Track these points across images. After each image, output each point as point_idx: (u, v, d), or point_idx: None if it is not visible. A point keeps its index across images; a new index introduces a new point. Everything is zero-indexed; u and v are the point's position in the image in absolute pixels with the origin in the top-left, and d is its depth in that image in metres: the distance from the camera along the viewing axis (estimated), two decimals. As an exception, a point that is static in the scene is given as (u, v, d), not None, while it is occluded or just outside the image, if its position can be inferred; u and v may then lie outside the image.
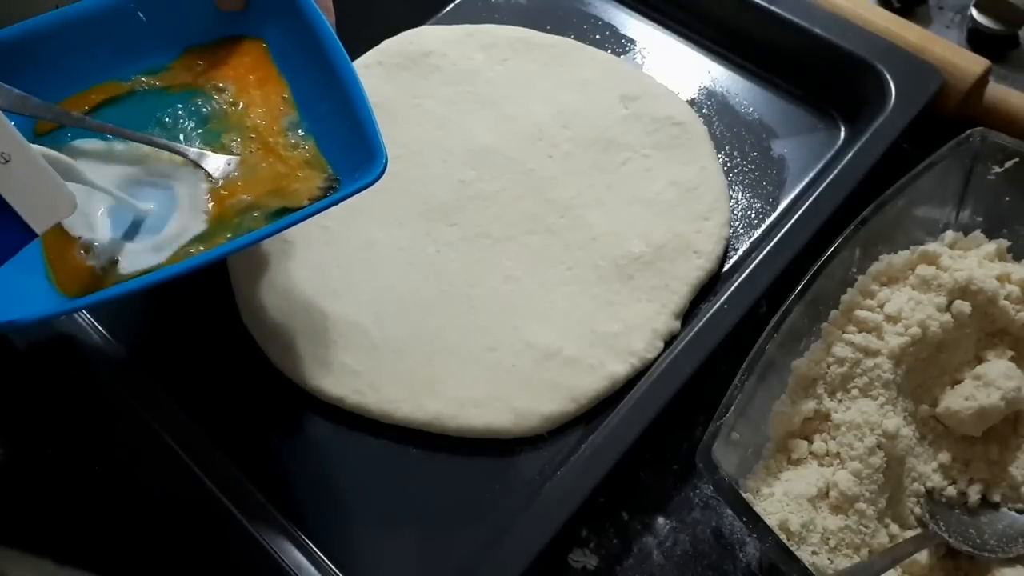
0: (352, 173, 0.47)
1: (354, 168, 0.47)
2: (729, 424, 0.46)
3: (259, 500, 0.51)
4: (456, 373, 0.54)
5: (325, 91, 0.49)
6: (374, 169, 0.44)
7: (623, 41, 0.72)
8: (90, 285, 0.45)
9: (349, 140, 0.47)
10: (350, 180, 0.47)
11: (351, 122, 0.47)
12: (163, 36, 0.53)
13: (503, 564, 0.46)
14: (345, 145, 0.48)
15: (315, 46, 0.50)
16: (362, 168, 0.45)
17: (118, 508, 0.53)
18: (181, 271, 0.43)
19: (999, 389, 0.49)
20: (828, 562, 0.45)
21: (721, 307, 0.53)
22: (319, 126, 0.50)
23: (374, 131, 0.46)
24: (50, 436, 0.56)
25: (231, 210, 0.47)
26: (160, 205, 0.48)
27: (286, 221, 0.44)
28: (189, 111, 0.51)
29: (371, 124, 0.46)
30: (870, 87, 0.63)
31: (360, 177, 0.45)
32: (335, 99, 0.48)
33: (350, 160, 0.47)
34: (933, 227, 0.56)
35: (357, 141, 0.46)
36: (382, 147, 0.45)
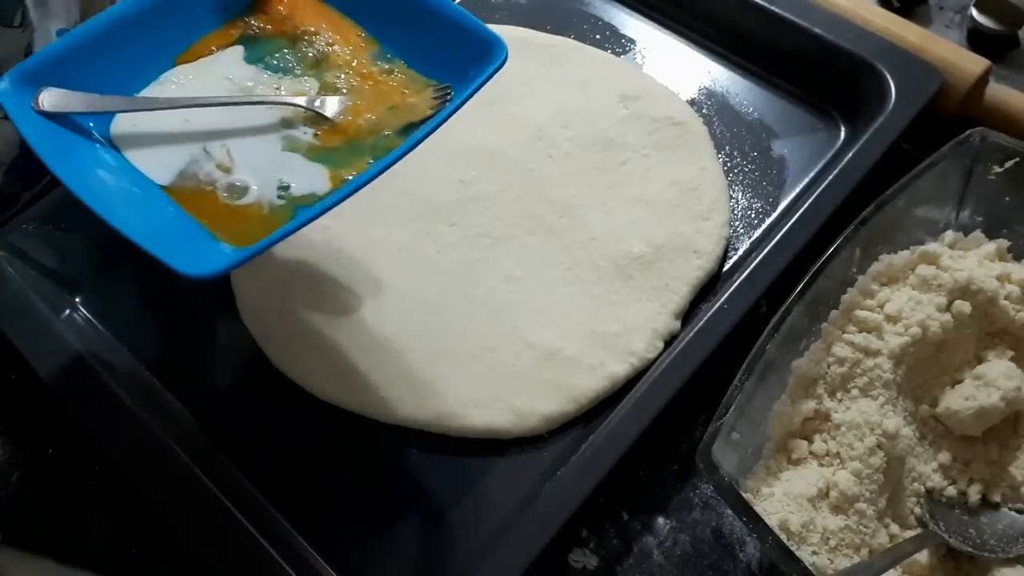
0: (465, 72, 0.48)
1: (465, 67, 0.48)
2: (729, 424, 0.46)
3: (259, 500, 0.51)
4: (456, 373, 0.54)
5: (394, 15, 0.51)
6: (496, 54, 0.46)
7: (623, 41, 0.72)
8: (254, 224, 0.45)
9: (444, 48, 0.49)
10: (465, 79, 0.47)
11: (439, 31, 0.49)
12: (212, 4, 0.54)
13: (503, 564, 0.46)
14: (440, 55, 0.49)
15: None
16: (478, 62, 0.47)
17: (118, 508, 0.53)
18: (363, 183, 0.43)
19: (999, 389, 0.49)
20: (828, 562, 0.45)
21: (721, 307, 0.53)
22: (402, 50, 0.51)
23: (475, 24, 0.48)
24: (50, 436, 0.56)
25: (361, 131, 0.48)
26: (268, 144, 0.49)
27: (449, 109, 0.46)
28: (286, 57, 0.52)
29: (470, 20, 0.48)
30: (870, 87, 0.63)
31: (482, 68, 0.46)
32: (409, 19, 0.50)
33: (454, 64, 0.49)
34: (933, 227, 0.56)
35: (456, 43, 0.48)
36: (491, 33, 0.47)
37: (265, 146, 0.49)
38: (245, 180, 0.47)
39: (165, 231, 0.44)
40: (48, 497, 0.54)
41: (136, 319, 0.59)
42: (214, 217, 0.46)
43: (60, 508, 0.54)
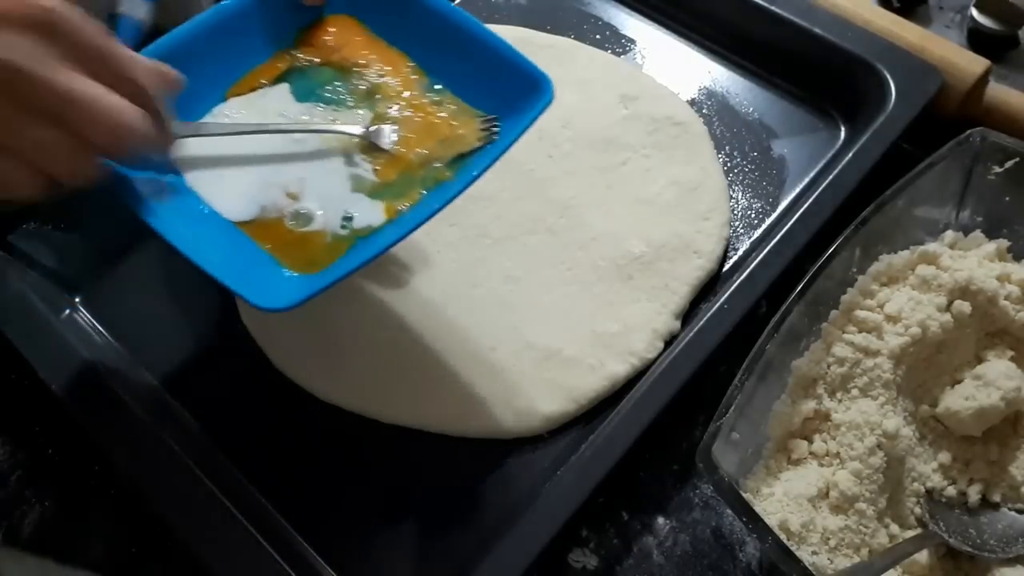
0: (512, 105, 0.48)
1: (511, 100, 0.48)
2: (729, 424, 0.46)
3: (259, 500, 0.51)
4: (456, 373, 0.54)
5: (442, 46, 0.51)
6: (544, 91, 0.47)
7: (623, 41, 0.72)
8: (317, 252, 0.46)
9: (490, 80, 0.49)
10: (514, 112, 0.48)
11: (486, 63, 0.49)
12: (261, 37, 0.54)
13: (503, 564, 0.46)
14: (487, 86, 0.50)
15: (419, 12, 0.52)
16: (525, 96, 0.47)
17: (118, 508, 0.53)
18: (424, 219, 0.44)
19: (999, 389, 0.49)
20: (828, 562, 0.45)
21: (721, 307, 0.53)
22: (450, 80, 0.52)
23: (524, 60, 0.48)
24: (50, 436, 0.56)
25: (413, 164, 0.49)
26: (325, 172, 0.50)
27: (502, 146, 0.46)
28: (338, 89, 0.52)
29: (517, 56, 0.48)
30: (870, 87, 0.63)
31: (531, 104, 0.47)
32: (457, 50, 0.50)
33: (501, 96, 0.49)
34: (933, 227, 0.56)
35: (502, 76, 0.49)
36: (539, 71, 0.48)
37: (329, 176, 0.49)
38: (311, 208, 0.48)
39: (234, 260, 0.45)
40: (48, 497, 0.54)
41: (136, 319, 0.59)
42: (278, 243, 0.47)
43: (60, 508, 0.54)
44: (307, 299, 0.42)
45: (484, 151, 0.48)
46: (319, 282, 0.43)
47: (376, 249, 0.44)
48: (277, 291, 0.43)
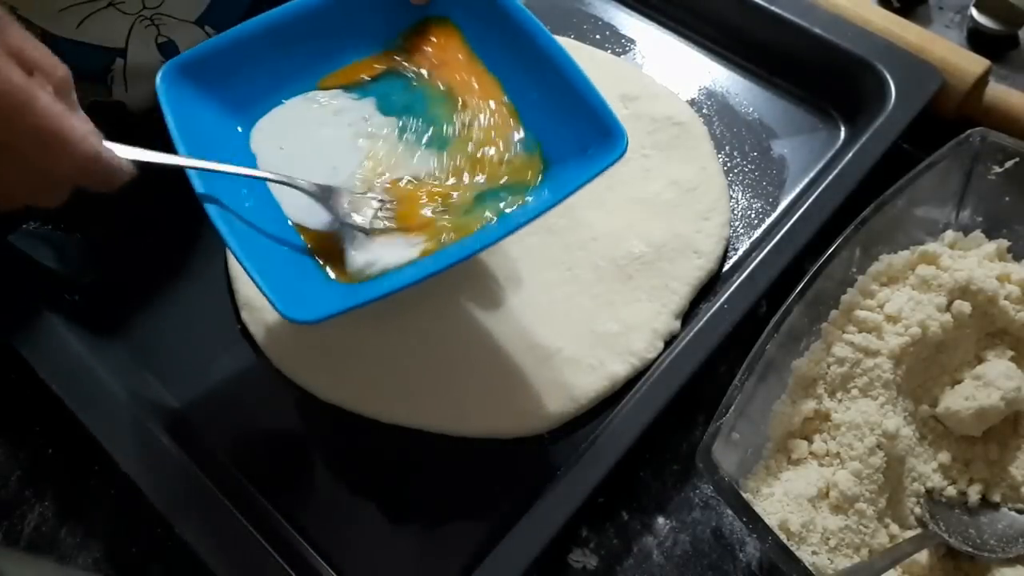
0: (582, 151, 0.47)
1: (582, 147, 0.47)
2: (729, 424, 0.46)
3: (259, 500, 0.51)
4: (456, 373, 0.54)
5: (533, 76, 0.50)
6: (617, 144, 0.45)
7: (623, 41, 0.72)
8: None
9: (568, 116, 0.48)
10: (580, 155, 0.46)
11: (569, 98, 0.47)
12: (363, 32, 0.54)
13: (503, 564, 0.46)
14: (564, 122, 0.48)
15: (514, 29, 0.50)
16: (597, 146, 0.46)
17: (118, 508, 0.53)
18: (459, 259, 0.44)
19: (999, 389, 0.49)
20: (828, 562, 0.45)
21: (721, 307, 0.53)
22: (533, 115, 0.50)
23: (604, 106, 0.46)
24: (50, 436, 0.56)
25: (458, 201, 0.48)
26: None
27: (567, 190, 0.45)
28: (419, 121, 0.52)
29: (599, 99, 0.46)
30: (870, 87, 0.63)
31: (598, 155, 0.45)
32: (546, 82, 0.49)
33: (575, 135, 0.47)
34: (933, 227, 0.56)
35: (582, 116, 0.47)
36: (617, 121, 0.45)
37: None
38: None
39: (280, 261, 0.45)
40: (48, 497, 0.54)
41: (136, 319, 0.59)
42: (327, 253, 0.47)
43: (60, 508, 0.54)
44: (329, 317, 0.42)
45: (542, 196, 0.46)
46: (345, 302, 0.43)
47: (403, 280, 0.44)
48: (309, 303, 0.43)
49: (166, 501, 0.49)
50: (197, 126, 0.47)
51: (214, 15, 0.65)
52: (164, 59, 0.64)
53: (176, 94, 0.48)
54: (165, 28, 0.63)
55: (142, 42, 0.63)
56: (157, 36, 0.63)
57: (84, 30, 0.60)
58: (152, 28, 0.63)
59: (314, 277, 0.46)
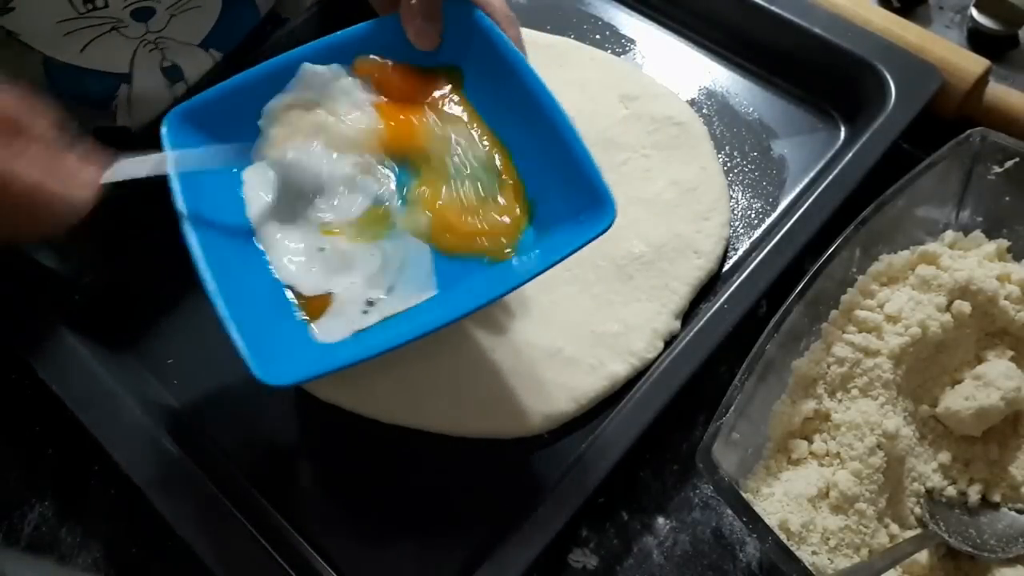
0: (571, 215, 0.46)
1: (572, 211, 0.46)
2: (729, 424, 0.46)
3: (259, 500, 0.51)
4: (456, 373, 0.54)
5: (531, 133, 0.48)
6: (604, 218, 0.44)
7: (623, 41, 0.72)
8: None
9: (554, 181, 0.47)
10: (566, 222, 0.46)
11: (562, 164, 0.46)
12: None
13: (503, 564, 0.46)
14: (554, 188, 0.47)
15: (516, 87, 0.49)
16: (586, 213, 0.45)
17: (118, 508, 0.53)
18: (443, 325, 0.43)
19: (999, 389, 0.49)
20: (828, 562, 0.45)
21: (721, 307, 0.53)
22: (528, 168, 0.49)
23: (599, 178, 0.45)
24: (50, 436, 0.56)
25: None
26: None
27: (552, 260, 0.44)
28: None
29: (593, 170, 0.45)
30: (870, 87, 0.63)
31: (586, 222, 0.44)
32: (543, 141, 0.48)
33: (562, 203, 0.46)
34: (933, 227, 0.56)
35: (570, 184, 0.46)
36: (609, 194, 0.44)
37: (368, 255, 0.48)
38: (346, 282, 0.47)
39: (260, 312, 0.45)
40: (48, 497, 0.54)
41: (136, 318, 0.59)
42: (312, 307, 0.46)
43: (60, 508, 0.54)
44: (302, 382, 0.42)
45: (527, 264, 0.46)
46: (318, 368, 0.43)
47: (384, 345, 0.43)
48: (287, 362, 0.43)
49: (166, 501, 0.49)
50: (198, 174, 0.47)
51: (218, 37, 0.65)
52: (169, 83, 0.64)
53: (181, 139, 0.48)
54: (170, 52, 0.63)
55: (147, 67, 0.63)
56: (162, 60, 0.63)
57: (88, 56, 0.60)
58: (157, 52, 0.62)
59: (299, 332, 0.45)
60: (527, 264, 0.46)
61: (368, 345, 0.44)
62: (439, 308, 0.45)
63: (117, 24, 0.59)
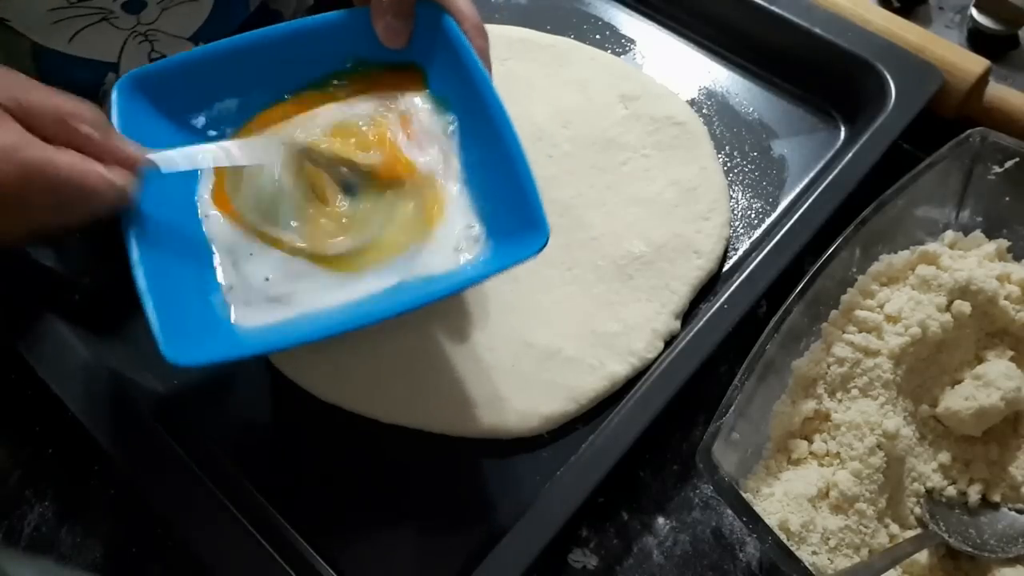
0: (505, 231, 0.46)
1: (506, 228, 0.45)
2: (729, 424, 0.46)
3: (259, 500, 0.51)
4: (456, 373, 0.54)
5: (481, 146, 0.48)
6: (534, 242, 0.43)
7: (623, 41, 0.72)
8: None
9: (501, 196, 0.46)
10: (502, 238, 0.46)
11: (507, 182, 0.46)
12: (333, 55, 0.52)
13: (503, 564, 0.46)
14: (495, 199, 0.47)
15: (472, 99, 0.48)
16: (519, 234, 0.44)
17: (118, 508, 0.53)
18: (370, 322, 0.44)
19: (999, 389, 0.49)
20: (828, 562, 0.45)
21: (721, 307, 0.53)
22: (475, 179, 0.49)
23: (536, 202, 0.44)
24: (50, 436, 0.56)
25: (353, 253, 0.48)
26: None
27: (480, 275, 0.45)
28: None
29: (533, 194, 0.44)
30: (870, 87, 0.63)
31: (518, 243, 0.44)
32: (491, 155, 0.47)
33: (500, 216, 0.46)
34: (933, 227, 0.56)
35: (513, 203, 0.45)
36: (544, 221, 0.44)
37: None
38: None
39: (184, 288, 0.45)
40: (48, 497, 0.54)
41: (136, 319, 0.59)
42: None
43: (60, 508, 0.54)
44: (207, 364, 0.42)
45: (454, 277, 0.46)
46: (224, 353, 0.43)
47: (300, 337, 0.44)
48: (199, 342, 0.43)
49: (166, 501, 0.49)
50: (145, 138, 0.47)
51: (208, 34, 0.65)
52: None
53: (129, 107, 0.48)
54: (159, 44, 0.63)
55: (135, 58, 0.62)
56: (151, 52, 0.63)
57: (76, 44, 0.59)
58: (146, 44, 0.62)
59: (219, 314, 0.45)
60: (462, 275, 0.46)
61: (282, 337, 0.45)
62: (361, 309, 0.46)
63: (108, 15, 0.59)
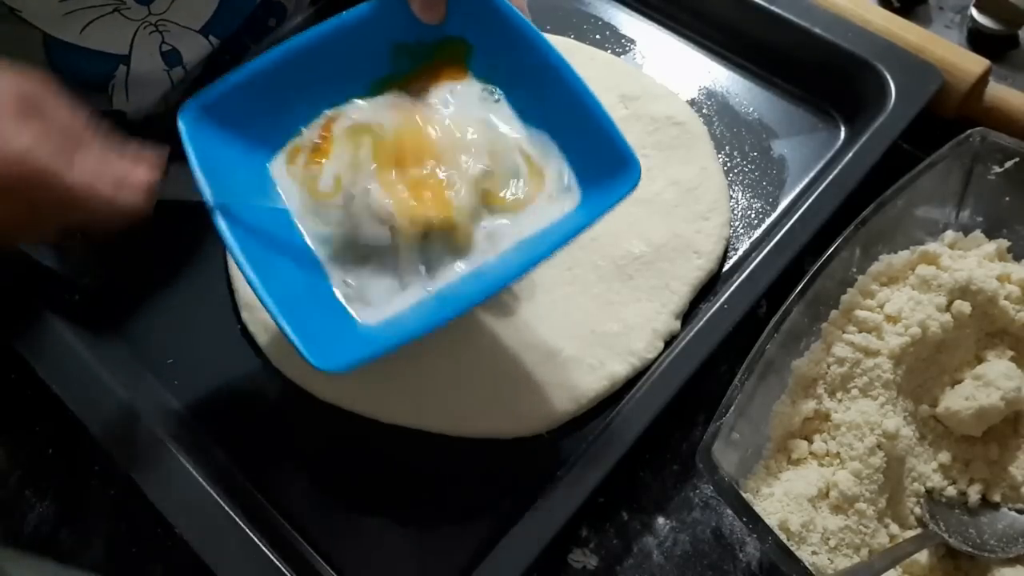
0: (597, 179, 0.46)
1: (595, 170, 0.46)
2: (729, 424, 0.46)
3: (259, 500, 0.51)
4: (456, 373, 0.54)
5: (547, 99, 0.48)
6: (630, 177, 0.44)
7: (623, 41, 0.72)
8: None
9: (580, 141, 0.47)
10: (592, 186, 0.46)
11: (583, 125, 0.46)
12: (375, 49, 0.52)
13: (503, 564, 0.46)
14: (577, 151, 0.47)
15: (526, 54, 0.48)
16: (609, 175, 0.45)
17: (118, 508, 0.53)
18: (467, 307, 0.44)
19: (999, 389, 0.49)
20: (828, 562, 0.45)
21: (721, 307, 0.53)
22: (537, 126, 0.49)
23: (619, 137, 0.45)
24: (50, 436, 0.56)
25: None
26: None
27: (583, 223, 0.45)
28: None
29: (614, 130, 0.45)
30: (870, 87, 0.63)
31: (612, 184, 0.44)
32: (560, 106, 0.47)
33: (587, 166, 0.47)
34: (933, 227, 0.56)
35: (594, 144, 0.45)
36: (633, 154, 0.44)
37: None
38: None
39: (305, 303, 0.45)
40: (48, 497, 0.54)
41: (136, 319, 0.59)
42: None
43: (60, 508, 0.54)
44: (357, 365, 0.42)
45: (556, 229, 0.46)
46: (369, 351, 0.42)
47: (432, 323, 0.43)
48: (338, 348, 0.42)
49: (166, 501, 0.49)
50: (219, 163, 0.47)
51: (217, 25, 0.65)
52: (167, 67, 0.64)
53: (199, 132, 0.47)
54: (169, 36, 0.63)
55: (146, 49, 0.63)
56: (161, 44, 0.63)
57: (87, 36, 0.59)
58: (156, 35, 0.62)
59: (344, 319, 0.45)
60: (561, 228, 0.46)
61: (411, 326, 0.44)
62: (476, 282, 0.45)
63: (119, 6, 0.59)
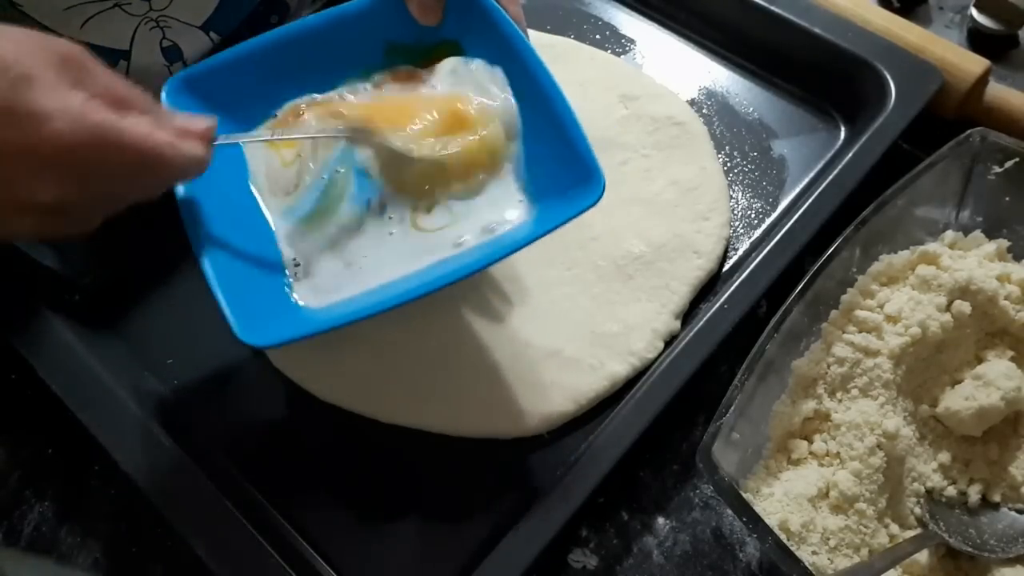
0: (562, 190, 0.46)
1: (563, 186, 0.46)
2: (729, 424, 0.46)
3: (259, 500, 0.51)
4: (456, 373, 0.54)
5: (526, 109, 0.49)
6: (592, 192, 0.44)
7: (623, 41, 0.72)
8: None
9: (551, 158, 0.47)
10: (557, 196, 0.46)
11: (557, 140, 0.47)
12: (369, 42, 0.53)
13: (503, 564, 0.46)
14: (547, 162, 0.48)
15: (513, 64, 0.50)
16: (576, 188, 0.45)
17: (118, 508, 0.53)
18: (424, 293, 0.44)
19: (999, 389, 0.49)
20: (828, 562, 0.45)
21: (721, 307, 0.53)
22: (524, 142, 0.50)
23: (589, 154, 0.46)
24: (50, 436, 0.56)
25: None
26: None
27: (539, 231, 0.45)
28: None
29: (585, 147, 0.46)
30: (870, 87, 0.63)
31: (576, 197, 0.45)
32: (537, 117, 0.48)
33: (554, 177, 0.47)
34: (933, 227, 0.56)
35: (563, 161, 0.46)
36: (599, 169, 0.45)
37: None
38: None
39: (248, 275, 0.46)
40: (48, 497, 0.54)
41: (135, 318, 0.59)
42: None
43: (60, 508, 0.54)
44: (281, 344, 0.43)
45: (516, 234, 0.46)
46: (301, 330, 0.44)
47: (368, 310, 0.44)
48: (271, 325, 0.44)
49: (166, 501, 0.49)
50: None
51: (219, 21, 0.65)
52: (168, 63, 0.64)
53: (180, 106, 0.49)
54: (170, 32, 0.63)
55: (146, 45, 0.63)
56: (162, 39, 0.63)
57: (88, 30, 0.59)
58: (157, 31, 0.62)
59: (280, 297, 0.46)
60: (517, 234, 0.46)
61: (348, 311, 0.45)
62: (423, 278, 0.46)
63: (120, 1, 0.59)
